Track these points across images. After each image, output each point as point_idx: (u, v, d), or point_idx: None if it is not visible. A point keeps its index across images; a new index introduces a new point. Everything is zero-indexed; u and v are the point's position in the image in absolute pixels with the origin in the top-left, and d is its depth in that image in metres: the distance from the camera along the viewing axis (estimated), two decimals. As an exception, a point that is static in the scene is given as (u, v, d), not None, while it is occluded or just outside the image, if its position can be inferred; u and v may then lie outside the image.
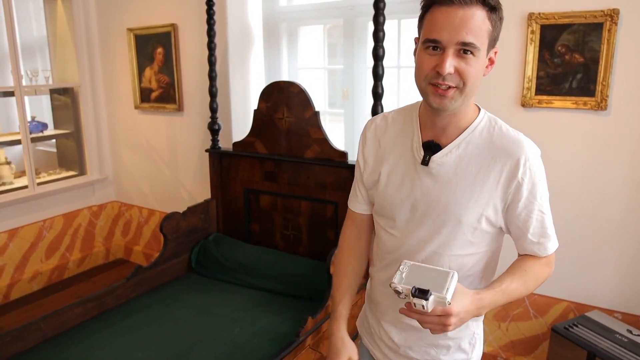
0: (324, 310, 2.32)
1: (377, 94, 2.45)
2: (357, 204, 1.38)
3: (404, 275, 1.01)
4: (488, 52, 1.08)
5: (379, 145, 1.28)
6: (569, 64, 2.29)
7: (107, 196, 4.27)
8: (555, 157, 2.39)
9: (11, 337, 2.21)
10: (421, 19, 1.09)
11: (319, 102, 3.16)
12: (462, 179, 1.13)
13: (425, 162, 1.16)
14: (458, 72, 1.04)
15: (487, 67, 1.10)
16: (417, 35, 1.13)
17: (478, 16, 1.02)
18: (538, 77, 2.36)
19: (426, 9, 1.07)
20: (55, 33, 3.95)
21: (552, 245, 1.18)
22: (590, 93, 2.26)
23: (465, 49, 1.03)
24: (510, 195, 1.12)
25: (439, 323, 0.99)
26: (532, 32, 2.32)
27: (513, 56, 2.41)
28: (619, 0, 2.14)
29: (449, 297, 0.96)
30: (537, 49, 2.33)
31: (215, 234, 3.18)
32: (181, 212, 3.00)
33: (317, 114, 2.77)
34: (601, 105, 2.23)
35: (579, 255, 2.43)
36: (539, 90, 2.37)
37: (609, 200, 2.33)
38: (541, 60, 2.34)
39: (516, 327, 2.66)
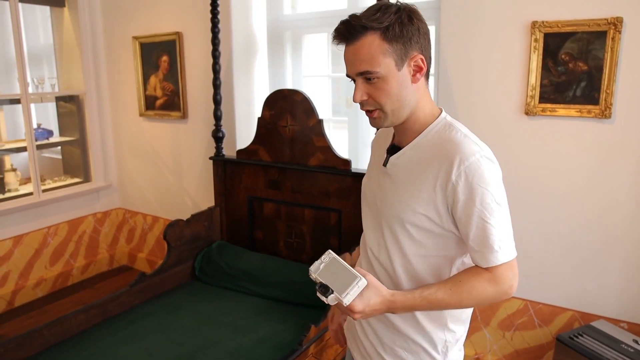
0: (327, 319, 2.31)
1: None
2: None
3: (321, 266, 1.12)
4: (401, 66, 1.12)
5: (372, 152, 1.42)
6: (572, 72, 2.28)
7: (112, 203, 4.29)
8: (559, 165, 2.39)
9: (15, 344, 2.21)
10: None
11: (323, 110, 3.17)
12: (407, 179, 1.19)
13: (385, 163, 1.26)
14: (372, 97, 1.14)
15: (414, 75, 1.14)
16: None
17: (368, 44, 1.09)
18: (542, 86, 2.36)
19: None
20: (61, 41, 3.99)
21: (494, 257, 1.11)
22: (595, 101, 2.25)
23: (367, 77, 1.12)
24: (450, 198, 1.12)
25: (345, 312, 1.11)
26: (536, 40, 2.32)
27: (516, 64, 2.41)
28: (623, 8, 2.14)
29: (346, 301, 1.07)
30: (540, 57, 2.33)
31: (219, 242, 3.19)
32: (185, 219, 3.01)
33: (321, 122, 2.78)
34: (605, 114, 2.23)
35: (584, 264, 2.42)
36: (543, 99, 2.36)
37: (614, 208, 2.32)
38: (545, 68, 2.34)
39: (521, 336, 2.64)
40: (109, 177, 4.21)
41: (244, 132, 3.41)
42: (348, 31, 1.10)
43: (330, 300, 1.08)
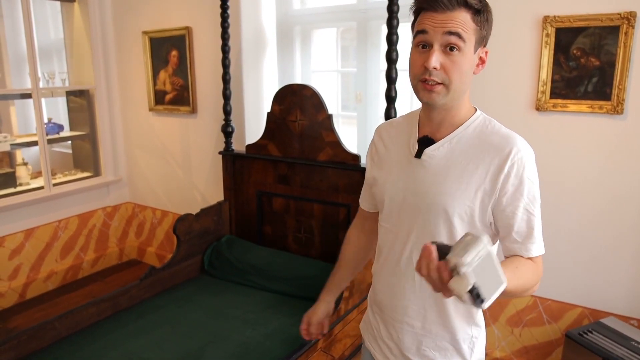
0: (335, 313, 2.32)
1: (390, 97, 2.44)
2: (364, 201, 1.50)
3: (476, 259, 0.84)
4: (476, 50, 1.14)
5: (384, 147, 1.35)
6: (584, 68, 2.27)
7: (121, 197, 4.31)
8: (570, 161, 2.37)
9: (27, 336, 2.24)
10: (412, 24, 1.17)
11: (332, 105, 3.17)
12: (451, 171, 1.17)
13: (418, 154, 1.22)
14: (444, 69, 1.10)
15: (477, 65, 1.17)
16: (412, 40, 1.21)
17: (462, 16, 1.09)
18: (553, 81, 2.34)
19: (416, 15, 1.15)
20: (71, 36, 4.01)
21: (535, 249, 1.16)
22: (606, 97, 2.23)
23: (451, 46, 1.09)
24: (498, 190, 1.13)
25: (442, 290, 0.90)
26: (547, 35, 2.30)
27: (527, 60, 2.39)
28: (636, 2, 2.12)
29: (486, 306, 0.86)
30: (552, 52, 2.31)
31: (228, 236, 3.20)
32: (194, 213, 3.03)
33: (330, 117, 2.77)
34: (617, 109, 2.21)
35: (594, 260, 2.40)
36: (554, 94, 2.35)
37: (624, 204, 2.30)
38: (556, 63, 2.32)
39: (529, 332, 2.64)
40: (119, 171, 4.23)
41: (253, 127, 3.41)
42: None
43: (467, 297, 0.85)
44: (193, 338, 2.33)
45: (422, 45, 1.12)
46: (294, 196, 2.99)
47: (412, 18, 1.17)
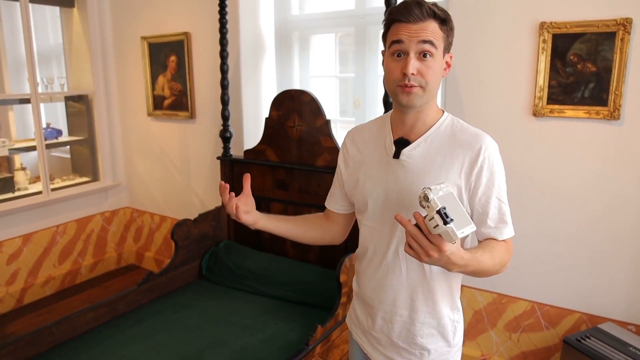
0: (333, 319, 2.32)
1: (388, 102, 2.45)
2: (331, 202, 1.60)
3: (440, 193, 1.04)
4: (444, 55, 1.26)
5: (358, 151, 1.45)
6: (581, 73, 2.28)
7: (120, 202, 4.32)
8: (567, 166, 2.38)
9: (25, 342, 2.23)
10: (384, 35, 1.29)
11: (330, 110, 3.17)
12: (429, 168, 1.27)
13: (396, 155, 1.32)
14: (420, 73, 1.21)
15: (445, 69, 1.28)
16: (383, 49, 1.32)
17: (432, 26, 1.22)
18: (550, 87, 2.35)
19: (388, 26, 1.27)
20: (70, 41, 4.02)
21: (507, 231, 1.29)
22: (603, 102, 2.24)
23: (424, 52, 1.20)
24: (472, 183, 1.25)
25: (426, 247, 1.04)
26: (544, 41, 2.31)
27: (524, 65, 2.40)
28: (632, 9, 2.13)
29: (459, 235, 1.00)
30: (549, 58, 2.32)
31: (226, 241, 3.20)
32: (192, 218, 3.03)
33: (328, 122, 2.78)
34: (614, 115, 2.22)
35: (592, 266, 2.41)
36: (551, 100, 2.36)
37: (622, 210, 2.30)
38: (553, 69, 2.33)
39: (527, 338, 2.64)
40: (117, 176, 4.23)
41: (251, 132, 3.42)
42: (420, 11, 1.20)
43: (441, 229, 1.00)
44: (191, 343, 2.33)
45: (397, 53, 1.23)
46: (292, 201, 2.99)
47: (383, 30, 1.30)
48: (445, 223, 0.99)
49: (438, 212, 0.99)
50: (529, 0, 2.34)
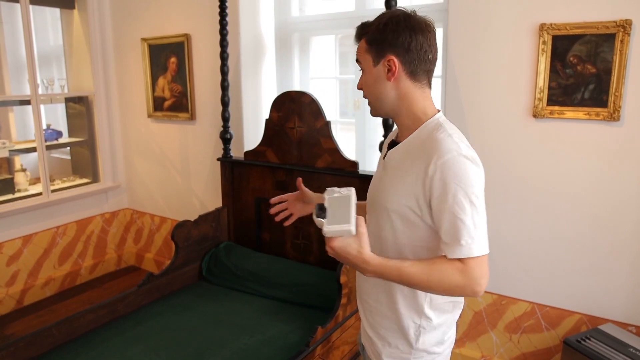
0: (333, 320, 2.32)
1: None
2: None
3: (335, 194, 1.16)
4: (377, 63, 1.29)
5: (382, 152, 1.51)
6: (581, 75, 2.28)
7: (120, 203, 4.32)
8: (567, 168, 2.38)
9: (24, 343, 2.23)
10: None
11: (330, 112, 3.17)
12: (398, 172, 1.29)
13: (385, 156, 1.39)
14: (361, 86, 1.36)
15: (387, 72, 1.28)
16: None
17: (361, 44, 1.33)
18: (550, 88, 2.35)
19: None
20: (71, 42, 4.02)
21: (462, 251, 1.15)
22: (603, 104, 2.24)
23: (359, 68, 1.34)
24: (427, 192, 1.21)
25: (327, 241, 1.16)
26: (544, 42, 2.31)
27: (524, 67, 2.40)
28: (632, 11, 2.14)
29: (325, 231, 1.11)
30: (548, 59, 2.32)
31: (226, 243, 3.20)
32: (192, 220, 3.03)
33: (328, 123, 2.78)
34: (614, 116, 2.22)
35: (592, 267, 2.41)
36: (551, 101, 2.36)
37: (622, 211, 2.31)
38: (553, 70, 2.33)
39: (528, 339, 2.64)
40: (117, 177, 4.23)
41: (251, 134, 3.42)
42: (356, 34, 1.35)
43: (317, 221, 1.13)
44: (191, 345, 2.33)
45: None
46: (292, 202, 2.98)
47: None
48: (318, 216, 1.12)
49: (316, 208, 1.13)
50: (528, 2, 2.35)
